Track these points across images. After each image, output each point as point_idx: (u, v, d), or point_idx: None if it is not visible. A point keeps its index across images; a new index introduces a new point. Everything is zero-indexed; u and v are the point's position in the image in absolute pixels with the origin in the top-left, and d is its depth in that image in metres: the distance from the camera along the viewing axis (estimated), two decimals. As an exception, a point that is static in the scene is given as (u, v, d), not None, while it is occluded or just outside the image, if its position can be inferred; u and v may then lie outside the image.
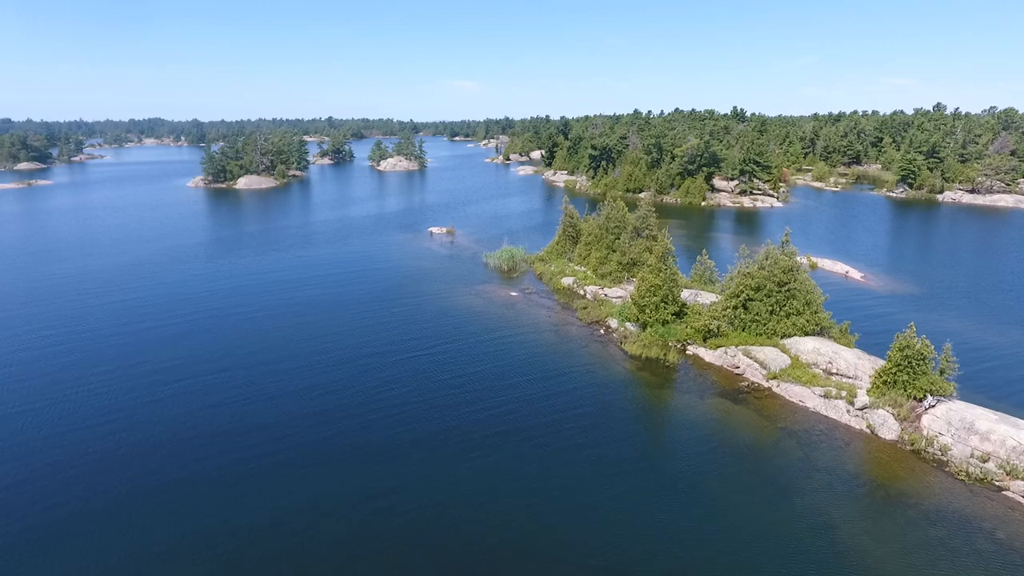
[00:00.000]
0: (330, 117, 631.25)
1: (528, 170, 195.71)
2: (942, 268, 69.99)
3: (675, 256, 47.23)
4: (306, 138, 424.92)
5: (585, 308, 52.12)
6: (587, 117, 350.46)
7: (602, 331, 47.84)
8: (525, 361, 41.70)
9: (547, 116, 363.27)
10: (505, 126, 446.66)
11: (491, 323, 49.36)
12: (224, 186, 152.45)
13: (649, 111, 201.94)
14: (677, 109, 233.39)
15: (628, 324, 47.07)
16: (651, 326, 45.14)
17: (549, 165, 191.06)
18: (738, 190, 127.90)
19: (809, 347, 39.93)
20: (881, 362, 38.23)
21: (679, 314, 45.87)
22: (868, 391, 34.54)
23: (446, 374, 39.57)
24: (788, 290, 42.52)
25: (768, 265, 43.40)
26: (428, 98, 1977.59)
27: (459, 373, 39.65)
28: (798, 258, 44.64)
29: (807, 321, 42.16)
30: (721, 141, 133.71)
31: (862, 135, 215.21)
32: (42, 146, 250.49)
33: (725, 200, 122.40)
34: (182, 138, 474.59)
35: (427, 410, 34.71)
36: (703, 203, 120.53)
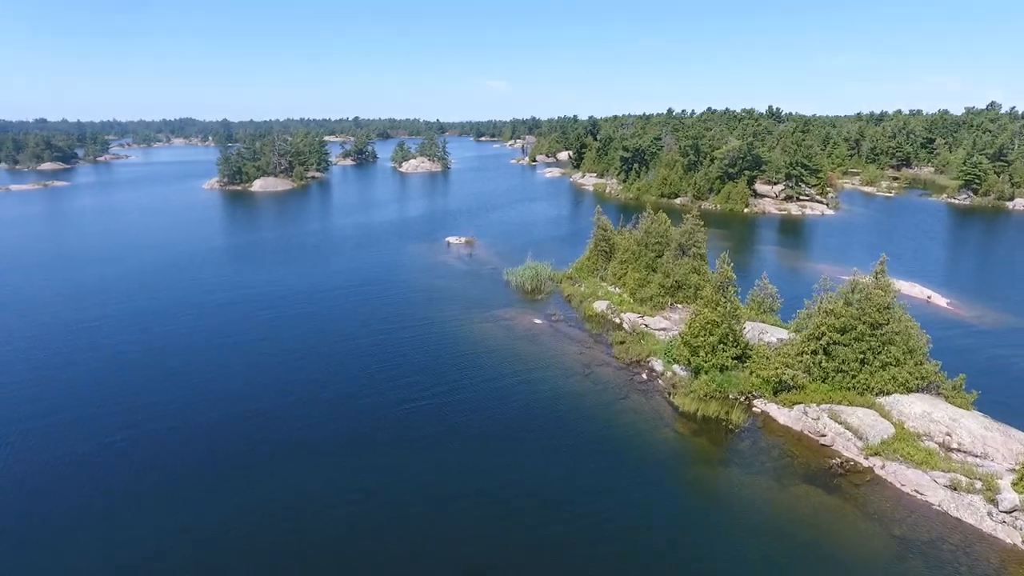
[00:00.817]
0: (356, 117, 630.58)
1: (555, 172, 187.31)
2: (1040, 292, 59.81)
3: (736, 286, 38.59)
4: (330, 138, 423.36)
5: (623, 343, 43.75)
6: (616, 117, 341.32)
7: (644, 375, 39.43)
8: (545, 420, 33.56)
9: (575, 116, 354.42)
10: (532, 126, 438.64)
11: (507, 361, 41.31)
12: (240, 188, 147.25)
13: (684, 110, 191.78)
14: (710, 108, 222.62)
15: (676, 367, 38.63)
16: (706, 371, 36.63)
17: (577, 167, 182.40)
18: (783, 195, 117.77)
19: (917, 410, 31.04)
20: (1018, 434, 29.25)
21: (741, 357, 37.26)
22: (1014, 484, 25.63)
23: (440, 448, 31.15)
24: (884, 334, 33.59)
25: (857, 301, 34.50)
26: (456, 98, 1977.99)
27: (459, 445, 31.47)
28: (893, 288, 35.57)
29: (910, 374, 33.18)
30: (764, 142, 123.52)
31: (911, 136, 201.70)
32: (67, 146, 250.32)
33: (769, 207, 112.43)
34: (209, 138, 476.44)
35: (403, 518, 26.56)
36: (746, 210, 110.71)
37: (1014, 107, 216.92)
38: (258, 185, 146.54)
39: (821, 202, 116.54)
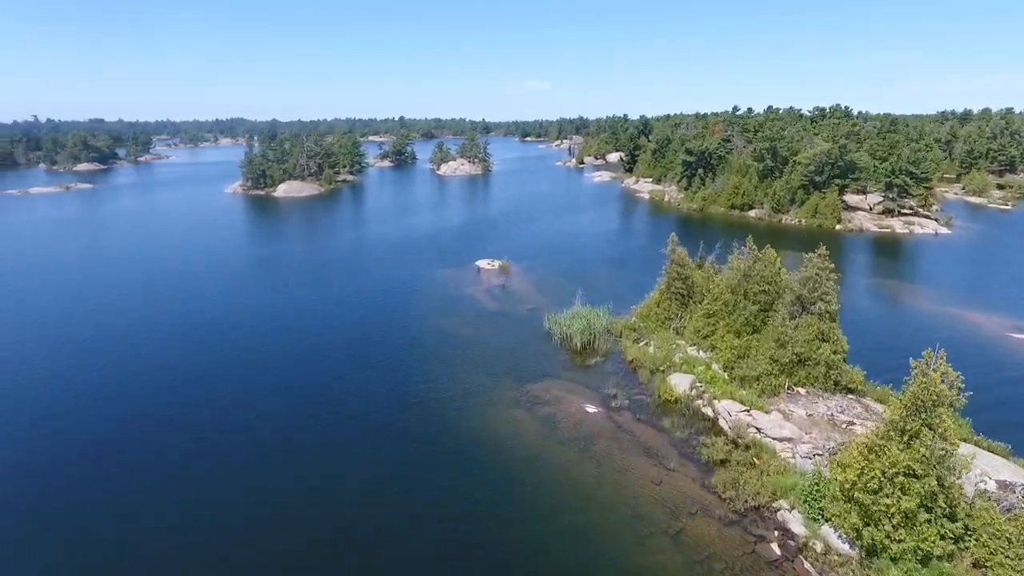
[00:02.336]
0: (401, 117, 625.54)
1: (605, 176, 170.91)
2: None
3: (962, 396, 22.57)
4: (374, 138, 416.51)
5: (724, 463, 28.25)
6: (668, 116, 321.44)
7: (774, 542, 23.76)
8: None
9: (625, 115, 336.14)
10: (579, 126, 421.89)
11: (544, 501, 26.37)
12: (263, 193, 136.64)
13: (749, 108, 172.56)
14: (771, 107, 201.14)
15: (829, 531, 22.96)
16: (894, 558, 20.86)
17: (630, 171, 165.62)
18: (879, 209, 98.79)
19: None
20: None
21: (960, 537, 21.28)
22: None
23: None
24: None
25: None
26: (501, 98, 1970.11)
27: None
28: None
29: None
30: (861, 145, 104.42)
31: (1016, 136, 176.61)
32: (106, 146, 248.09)
33: (866, 222, 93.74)
34: (255, 137, 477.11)
35: None
36: (837, 226, 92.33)
37: None
38: (282, 190, 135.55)
39: (929, 217, 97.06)
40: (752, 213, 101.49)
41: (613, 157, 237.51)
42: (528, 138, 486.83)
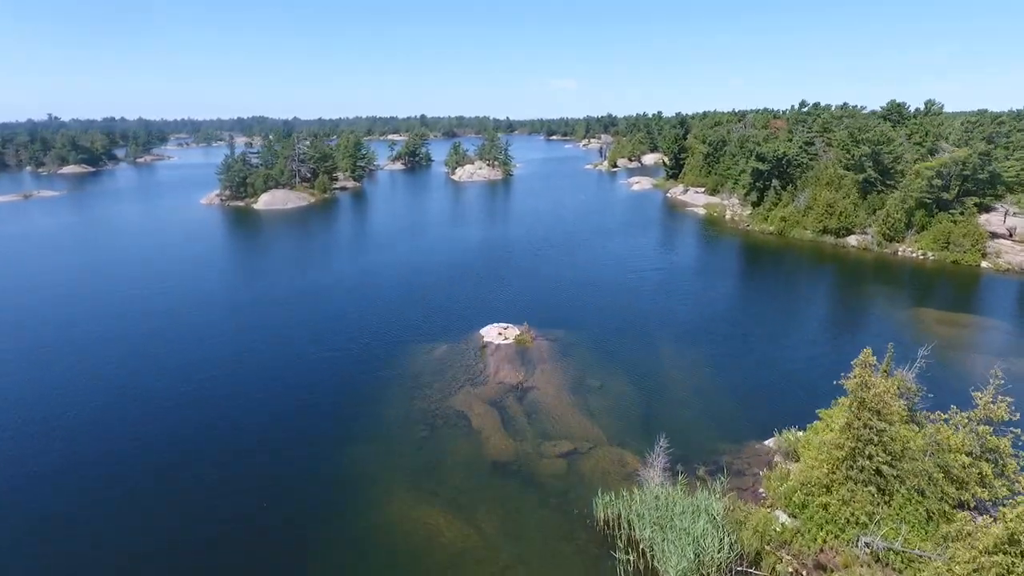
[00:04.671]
0: (423, 115, 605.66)
1: (643, 183, 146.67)
2: None
3: None
4: (393, 137, 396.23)
5: None
6: (706, 114, 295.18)
7: None
8: None
9: (659, 112, 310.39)
10: (607, 124, 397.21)
11: None
12: (243, 204, 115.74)
13: (817, 102, 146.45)
14: (846, 104, 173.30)
15: None
16: None
17: (674, 177, 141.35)
18: (1025, 234, 73.59)
19: None
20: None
21: None
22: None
23: None
24: None
25: None
26: (525, 97, 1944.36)
27: None
28: None
29: None
30: (1011, 150, 79.00)
31: None
32: (102, 146, 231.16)
33: (1018, 255, 68.76)
34: (270, 136, 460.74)
35: None
36: (983, 263, 67.48)
37: None
38: (264, 201, 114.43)
39: (1101, 248, 71.52)
40: (852, 240, 76.92)
41: (649, 159, 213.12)
42: (553, 137, 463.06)
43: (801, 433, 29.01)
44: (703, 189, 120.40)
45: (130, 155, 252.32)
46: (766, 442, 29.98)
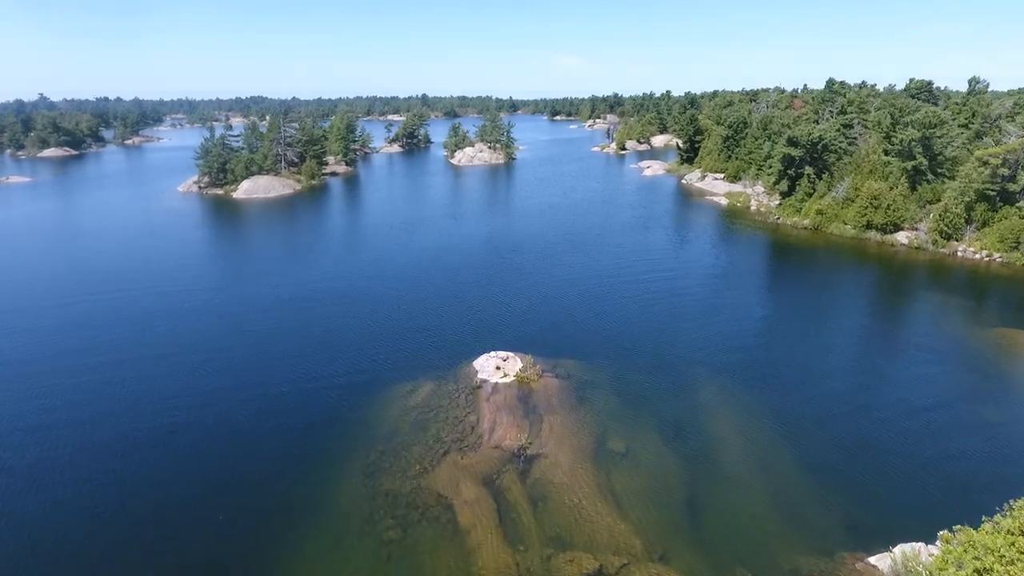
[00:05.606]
0: (424, 94, 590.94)
1: (655, 168, 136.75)
2: None
3: None
4: (394, 117, 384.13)
5: None
6: (716, 93, 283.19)
7: None
8: None
9: (667, 92, 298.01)
10: (613, 104, 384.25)
11: None
12: (222, 192, 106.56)
13: (843, 82, 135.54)
14: (864, 83, 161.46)
15: None
16: None
17: (689, 161, 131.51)
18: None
19: None
20: None
21: None
22: None
23: None
24: None
25: None
26: (529, 75, 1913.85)
27: None
28: None
29: None
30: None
31: None
32: (88, 128, 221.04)
33: (1098, 258, 59.35)
34: (267, 117, 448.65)
35: None
36: (1060, 267, 58.18)
37: None
38: (244, 189, 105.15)
39: None
40: (901, 237, 67.60)
41: (658, 141, 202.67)
42: (558, 117, 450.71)
43: (930, 551, 20.24)
44: (722, 175, 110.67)
45: (118, 137, 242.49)
46: (871, 560, 21.24)
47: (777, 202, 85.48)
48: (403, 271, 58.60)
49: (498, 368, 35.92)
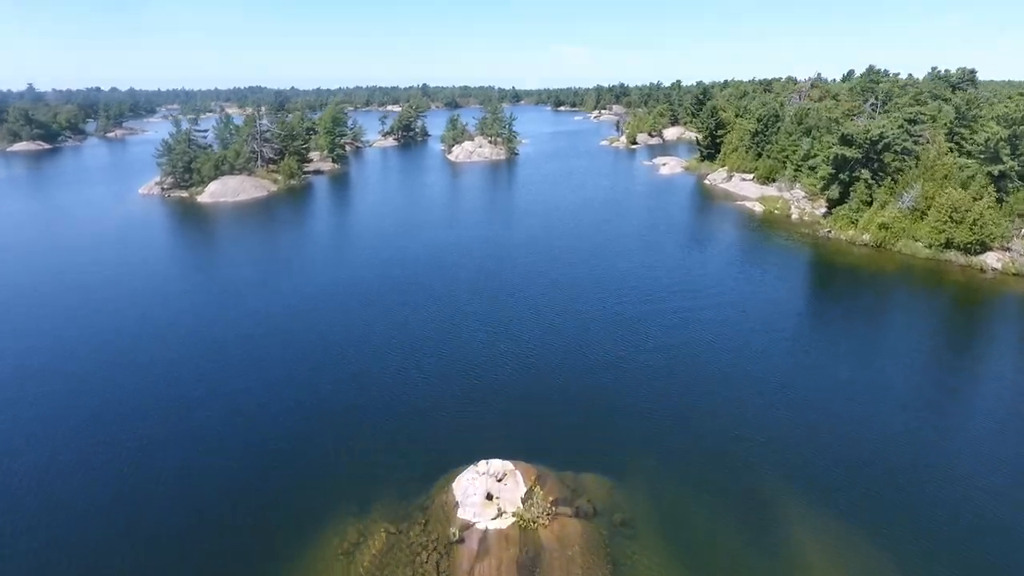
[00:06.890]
0: (424, 84, 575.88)
1: (673, 165, 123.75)
2: None
3: None
4: (393, 108, 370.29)
5: None
6: (727, 83, 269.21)
7: None
8: None
9: (677, 81, 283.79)
10: (619, 94, 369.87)
11: None
12: (187, 195, 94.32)
13: (884, 71, 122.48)
14: (910, 76, 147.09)
15: None
16: None
17: (710, 159, 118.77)
18: None
19: None
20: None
21: None
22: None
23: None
24: None
25: None
26: (532, 64, 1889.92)
27: None
28: None
29: None
30: None
31: None
32: (67, 120, 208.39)
33: None
34: (262, 107, 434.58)
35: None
36: None
37: None
38: (211, 191, 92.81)
39: None
40: (991, 259, 55.10)
41: (670, 134, 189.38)
42: (562, 107, 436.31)
43: None
44: (751, 176, 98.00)
45: (99, 129, 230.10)
46: None
47: (823, 210, 73.01)
48: (364, 313, 46.33)
49: (489, 497, 23.83)
